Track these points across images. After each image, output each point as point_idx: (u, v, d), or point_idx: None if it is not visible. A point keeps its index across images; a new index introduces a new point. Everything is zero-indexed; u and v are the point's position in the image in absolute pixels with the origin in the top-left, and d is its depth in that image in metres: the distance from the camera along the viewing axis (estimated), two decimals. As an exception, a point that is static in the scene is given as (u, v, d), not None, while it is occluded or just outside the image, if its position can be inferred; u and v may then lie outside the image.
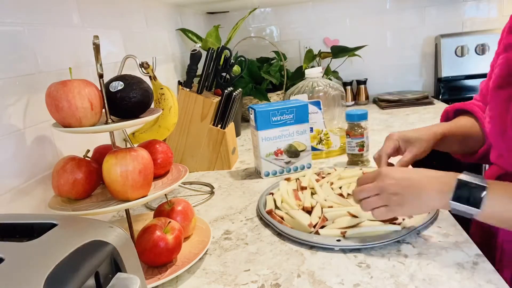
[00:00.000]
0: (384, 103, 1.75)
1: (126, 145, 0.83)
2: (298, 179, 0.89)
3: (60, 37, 0.76)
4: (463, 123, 0.82)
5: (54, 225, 0.34)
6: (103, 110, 0.61)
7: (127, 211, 0.68)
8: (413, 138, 0.77)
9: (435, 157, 0.95)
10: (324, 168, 0.96)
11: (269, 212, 0.76)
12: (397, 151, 0.79)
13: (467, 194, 0.55)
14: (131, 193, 0.59)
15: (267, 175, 1.00)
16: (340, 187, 0.82)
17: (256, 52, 1.88)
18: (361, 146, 0.99)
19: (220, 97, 1.08)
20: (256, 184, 0.97)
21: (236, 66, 1.36)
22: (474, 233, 0.76)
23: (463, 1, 1.78)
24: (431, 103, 1.70)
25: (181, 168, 0.73)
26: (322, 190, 0.80)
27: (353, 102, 1.89)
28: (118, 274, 0.32)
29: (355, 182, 0.80)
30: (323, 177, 0.87)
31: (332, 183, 0.83)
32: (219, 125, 1.09)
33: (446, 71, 1.76)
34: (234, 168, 1.11)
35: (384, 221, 0.66)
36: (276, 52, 1.70)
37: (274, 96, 1.58)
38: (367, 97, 1.87)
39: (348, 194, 0.78)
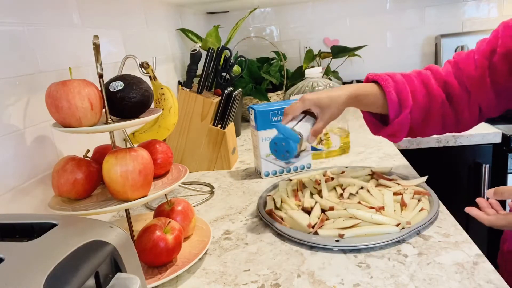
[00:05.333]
0: (384, 103, 1.74)
1: (126, 145, 0.83)
2: (301, 180, 0.89)
3: (60, 37, 0.76)
4: (370, 88, 0.80)
5: (54, 225, 0.34)
6: (103, 110, 0.61)
7: (127, 211, 0.68)
8: (325, 104, 0.76)
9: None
10: (332, 168, 0.95)
11: (269, 212, 0.76)
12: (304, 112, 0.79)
13: None
14: (131, 193, 0.59)
15: (267, 175, 1.00)
16: (344, 189, 0.81)
17: (256, 52, 1.88)
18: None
19: (220, 97, 1.08)
20: (256, 184, 0.97)
21: (236, 66, 1.36)
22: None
23: (463, 1, 1.78)
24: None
25: (181, 168, 0.73)
26: (328, 192, 0.80)
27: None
28: (118, 274, 0.32)
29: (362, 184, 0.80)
30: (332, 178, 0.86)
31: (342, 185, 0.82)
32: (219, 125, 1.09)
33: (446, 71, 1.76)
34: (234, 168, 1.11)
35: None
36: (276, 52, 1.70)
37: (274, 96, 1.58)
38: (367, 97, 1.87)
39: (351, 194, 0.78)
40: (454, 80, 0.79)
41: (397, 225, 0.65)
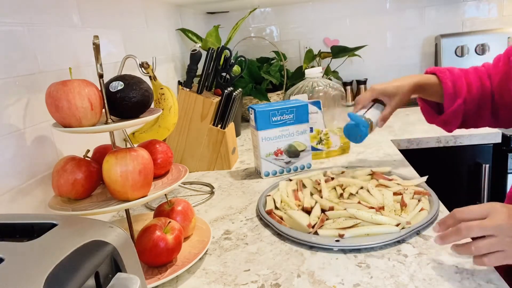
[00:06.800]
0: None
1: (126, 145, 0.83)
2: (301, 180, 0.89)
3: (60, 37, 0.76)
4: (432, 79, 0.86)
5: (54, 225, 0.34)
6: (103, 110, 0.61)
7: (127, 211, 0.68)
8: (391, 93, 0.84)
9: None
10: (332, 168, 0.95)
11: (269, 212, 0.76)
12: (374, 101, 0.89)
13: None
14: (131, 193, 0.59)
15: (267, 175, 1.00)
16: (344, 189, 0.81)
17: (256, 52, 1.88)
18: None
19: (220, 97, 1.08)
20: (256, 184, 0.97)
21: (236, 66, 1.36)
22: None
23: (463, 1, 1.78)
24: (431, 103, 1.70)
25: (181, 168, 0.73)
26: (328, 192, 0.80)
27: (353, 102, 1.88)
28: (118, 274, 0.32)
29: (361, 184, 0.80)
30: (332, 178, 0.86)
31: (342, 185, 0.82)
32: (219, 125, 1.09)
33: (446, 71, 1.76)
34: (234, 168, 1.11)
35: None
36: (276, 52, 1.70)
37: (274, 96, 1.58)
38: (367, 97, 1.87)
39: (351, 194, 0.78)
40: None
41: (397, 225, 0.65)
